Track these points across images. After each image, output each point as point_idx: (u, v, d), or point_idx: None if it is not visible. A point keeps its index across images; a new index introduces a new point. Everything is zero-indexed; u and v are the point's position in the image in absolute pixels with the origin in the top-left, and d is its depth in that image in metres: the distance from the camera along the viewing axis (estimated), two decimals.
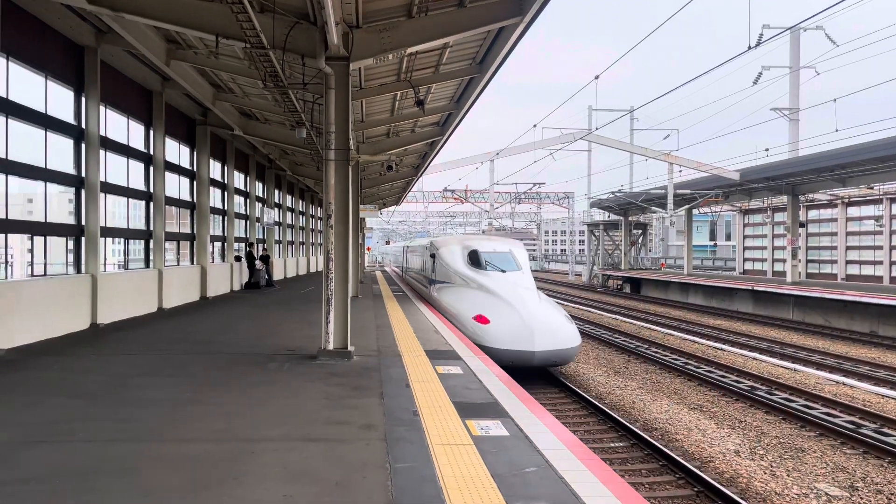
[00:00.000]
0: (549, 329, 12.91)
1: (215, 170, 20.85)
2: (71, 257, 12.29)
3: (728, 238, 67.44)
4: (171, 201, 17.04)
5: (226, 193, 21.99)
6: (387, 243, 74.30)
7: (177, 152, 17.73)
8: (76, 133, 12.23)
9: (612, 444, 9.28)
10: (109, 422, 6.02)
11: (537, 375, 13.56)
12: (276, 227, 29.22)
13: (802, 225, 32.46)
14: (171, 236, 17.22)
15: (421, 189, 52.02)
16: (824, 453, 8.95)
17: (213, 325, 13.34)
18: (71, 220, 12.34)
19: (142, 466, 4.79)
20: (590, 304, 32.82)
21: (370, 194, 34.48)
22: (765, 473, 8.16)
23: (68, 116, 12.07)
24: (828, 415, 10.80)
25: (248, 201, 25.16)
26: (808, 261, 36.32)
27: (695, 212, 38.81)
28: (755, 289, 28.12)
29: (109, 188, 13.57)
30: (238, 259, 23.23)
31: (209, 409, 6.46)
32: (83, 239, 12.40)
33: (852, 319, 22.68)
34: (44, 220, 11.29)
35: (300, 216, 36.68)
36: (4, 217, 10.07)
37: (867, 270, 32.46)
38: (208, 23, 9.25)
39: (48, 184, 11.42)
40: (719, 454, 8.91)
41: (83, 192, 12.42)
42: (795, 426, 10.31)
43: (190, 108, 18.16)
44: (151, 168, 15.79)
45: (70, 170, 12.16)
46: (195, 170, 19.03)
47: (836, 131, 20.77)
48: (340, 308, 9.37)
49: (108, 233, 13.61)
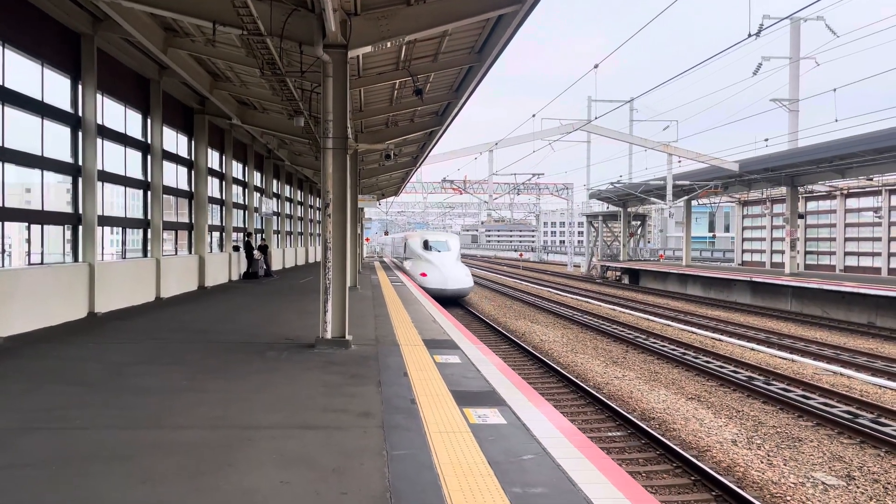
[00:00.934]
0: (455, 279, 25.59)
1: (213, 159, 20.79)
2: (69, 246, 12.26)
3: (727, 229, 67.33)
4: (168, 190, 17.00)
5: (224, 183, 21.93)
6: (385, 234, 74.26)
7: (175, 141, 17.66)
8: (73, 121, 12.18)
9: (610, 434, 9.29)
10: (106, 409, 6.01)
11: (536, 368, 13.58)
12: (275, 218, 29.17)
13: (801, 216, 32.43)
14: (168, 226, 17.18)
15: (420, 180, 51.94)
16: (821, 443, 8.97)
17: (211, 314, 13.33)
18: (68, 209, 12.30)
19: (138, 453, 4.78)
20: (588, 295, 32.84)
21: (369, 185, 34.43)
22: (762, 462, 8.18)
23: (65, 104, 12.01)
24: (825, 405, 10.81)
25: (246, 191, 25.10)
26: (806, 252, 36.31)
27: (694, 203, 38.78)
28: (753, 280, 28.14)
29: (107, 177, 13.53)
30: (236, 249, 23.20)
31: (206, 397, 6.46)
32: (80, 228, 12.37)
33: (850, 310, 22.71)
34: (41, 209, 11.26)
35: (299, 206, 36.63)
36: (2, 205, 10.03)
37: (865, 262, 32.46)
38: (205, 10, 9.19)
39: (45, 172, 11.38)
40: (716, 443, 8.93)
41: (80, 180, 12.37)
42: (793, 416, 10.33)
43: (187, 96, 18.08)
44: (149, 157, 15.74)
45: (67, 158, 12.12)
46: (193, 159, 18.97)
47: (836, 121, 20.71)
48: (338, 296, 9.35)
49: (106, 221, 13.58)
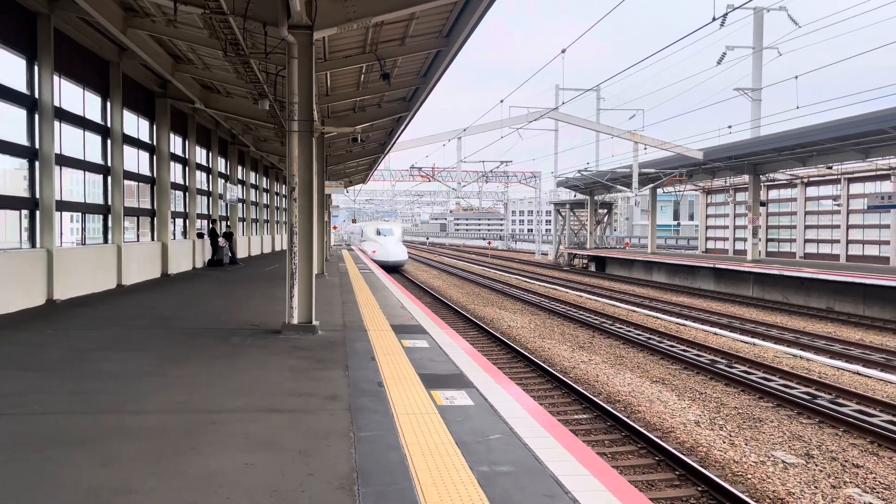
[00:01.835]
0: (394, 254, 38.43)
1: (176, 144, 20.38)
2: (26, 233, 11.93)
3: (691, 217, 68.43)
4: (130, 176, 16.62)
5: (187, 169, 21.53)
6: (353, 222, 73.98)
7: (136, 125, 17.26)
8: (29, 103, 11.80)
9: (577, 417, 9.39)
10: (67, 394, 5.88)
11: (504, 353, 13.67)
12: (240, 204, 28.77)
13: (763, 204, 33.04)
14: (130, 212, 16.82)
15: (388, 167, 51.70)
16: (781, 423, 9.18)
17: (175, 301, 13.11)
18: (25, 194, 11.95)
19: (101, 437, 4.68)
20: (556, 282, 33.10)
21: (336, 171, 34.11)
22: (724, 442, 8.34)
23: (21, 86, 11.64)
24: (785, 386, 11.07)
25: (210, 177, 24.69)
26: (767, 239, 37.04)
27: (659, 192, 39.27)
28: (717, 267, 28.64)
29: (65, 161, 13.17)
30: (200, 236, 22.83)
31: (170, 382, 6.35)
32: (38, 213, 12.03)
33: (809, 296, 23.26)
34: None
35: (264, 193, 36.18)
36: None
37: (825, 249, 33.24)
38: None
39: (0, 156, 11.03)
40: (680, 424, 9.08)
41: (37, 164, 12.01)
42: (754, 397, 10.55)
43: (149, 79, 17.67)
44: (109, 141, 15.35)
45: (24, 141, 11.75)
46: (155, 144, 18.57)
47: (798, 108, 21.12)
48: (305, 281, 9.26)
49: (65, 207, 13.22)
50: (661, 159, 33.26)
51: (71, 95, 13.53)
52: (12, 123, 11.43)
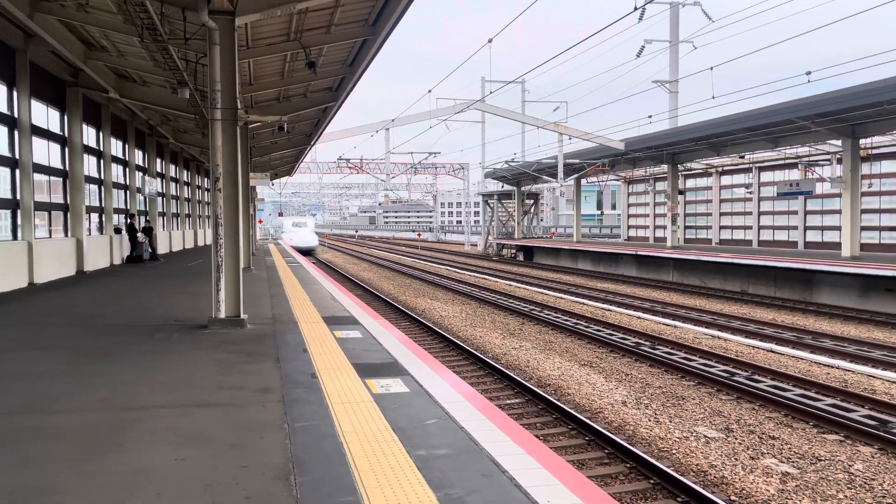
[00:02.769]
0: (306, 241, 48.26)
1: (90, 136, 19.47)
2: None
3: (614, 207, 70.45)
4: (40, 169, 15.78)
5: (102, 161, 20.61)
6: (280, 215, 72.71)
7: (45, 116, 16.38)
8: None
9: (509, 401, 9.53)
10: None
11: (437, 343, 13.73)
12: (160, 198, 27.76)
13: (681, 193, 34.30)
14: (41, 206, 15.97)
15: (315, 159, 50.86)
16: (702, 400, 9.58)
17: (92, 298, 12.56)
18: None
19: (17, 438, 4.45)
20: (485, 272, 33.44)
21: (261, 163, 33.34)
22: (650, 420, 8.64)
23: None
24: (705, 365, 11.55)
25: (127, 170, 23.71)
26: (686, 227, 38.51)
27: (583, 182, 40.20)
28: (639, 254, 29.58)
29: None
30: (118, 231, 21.93)
31: (90, 380, 6.08)
32: None
33: (725, 280, 24.36)
34: None
35: (185, 187, 35.04)
36: None
37: (738, 235, 34.83)
38: None
39: None
40: (608, 405, 9.35)
41: None
42: (676, 377, 10.97)
43: (59, 67, 16.78)
44: (16, 132, 14.51)
45: None
46: (67, 135, 17.68)
47: (713, 98, 21.98)
48: (232, 273, 9.04)
49: None
50: (584, 150, 34.01)
51: None
52: None
